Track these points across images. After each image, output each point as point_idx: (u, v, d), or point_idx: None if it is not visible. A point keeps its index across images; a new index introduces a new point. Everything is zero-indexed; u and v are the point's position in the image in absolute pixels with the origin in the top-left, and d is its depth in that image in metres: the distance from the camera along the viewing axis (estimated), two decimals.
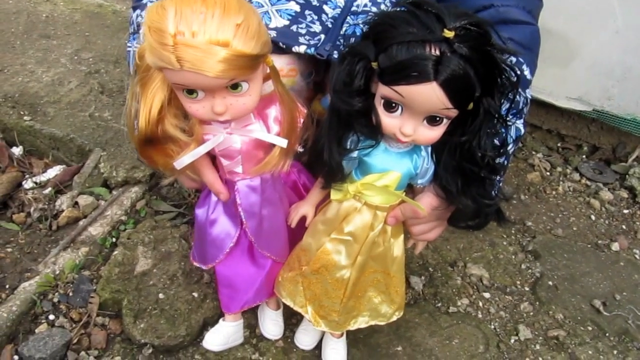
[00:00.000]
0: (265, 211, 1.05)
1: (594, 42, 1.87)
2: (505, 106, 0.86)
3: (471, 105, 0.82)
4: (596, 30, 1.85)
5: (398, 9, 0.82)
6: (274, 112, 0.95)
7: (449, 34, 0.74)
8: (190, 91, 0.81)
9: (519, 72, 0.83)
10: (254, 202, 1.03)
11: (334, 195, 1.01)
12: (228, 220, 1.08)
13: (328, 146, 0.91)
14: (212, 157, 1.01)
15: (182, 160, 0.90)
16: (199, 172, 1.01)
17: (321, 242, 1.05)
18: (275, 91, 0.92)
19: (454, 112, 0.81)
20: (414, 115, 0.83)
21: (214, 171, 1.02)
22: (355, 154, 0.93)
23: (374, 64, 0.81)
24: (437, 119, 0.83)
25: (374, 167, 0.95)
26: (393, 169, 0.95)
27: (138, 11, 1.12)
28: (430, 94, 0.77)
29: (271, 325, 1.25)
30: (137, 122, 0.87)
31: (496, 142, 0.92)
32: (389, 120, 0.85)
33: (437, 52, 0.75)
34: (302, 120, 0.98)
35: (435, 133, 0.85)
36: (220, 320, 1.22)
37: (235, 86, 0.81)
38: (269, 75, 0.89)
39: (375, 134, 0.89)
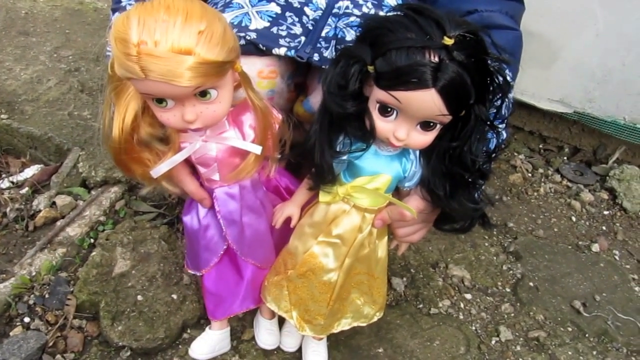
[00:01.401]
0: (246, 218, 1.05)
1: (576, 45, 1.89)
2: (492, 112, 0.86)
3: (463, 112, 0.82)
4: (577, 33, 1.86)
5: (395, 14, 0.81)
6: (249, 119, 0.95)
7: (449, 41, 0.74)
8: (160, 100, 0.80)
9: (510, 81, 0.83)
10: (233, 209, 1.03)
11: (323, 197, 1.01)
12: (217, 225, 1.07)
13: (319, 148, 0.91)
14: (191, 165, 1.00)
15: (160, 169, 0.90)
16: (179, 181, 1.00)
17: (308, 245, 1.05)
18: (246, 98, 0.92)
19: (448, 118, 0.81)
20: (408, 120, 0.83)
21: (194, 179, 1.01)
22: (345, 156, 0.93)
23: (370, 68, 0.80)
24: (431, 124, 0.83)
25: (363, 169, 0.95)
26: (383, 171, 0.95)
27: (117, 14, 1.10)
28: (427, 100, 0.77)
29: (266, 335, 1.24)
30: (111, 129, 0.86)
31: (489, 147, 0.92)
32: (383, 125, 0.85)
33: (436, 59, 0.74)
34: (277, 127, 0.97)
35: (427, 138, 0.85)
36: (207, 329, 1.21)
37: (203, 94, 0.80)
38: (238, 83, 0.89)
39: (368, 137, 0.89)
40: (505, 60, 0.83)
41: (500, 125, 0.90)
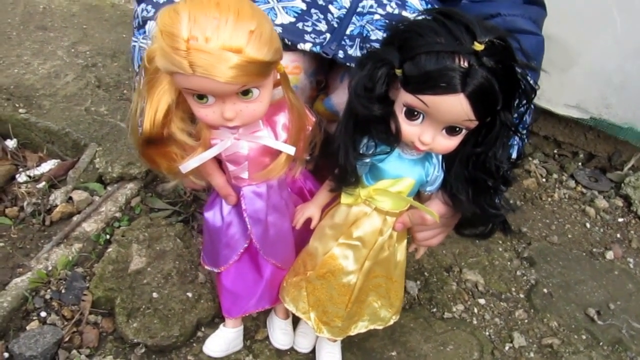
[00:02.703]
0: (271, 218, 1.05)
1: (593, 50, 1.88)
2: (515, 118, 0.87)
3: (489, 117, 0.82)
4: (595, 38, 1.85)
5: (424, 17, 0.82)
6: (282, 119, 0.95)
7: (479, 46, 0.74)
8: (201, 96, 0.80)
9: (536, 88, 0.84)
10: (259, 208, 1.03)
11: (345, 199, 1.01)
12: (240, 222, 1.07)
13: (344, 149, 0.91)
14: (218, 161, 1.00)
15: (189, 164, 0.90)
16: (207, 175, 1.00)
17: (328, 246, 1.05)
18: (285, 98, 0.92)
19: (474, 124, 0.82)
20: (434, 125, 0.83)
21: (222, 174, 1.01)
22: (369, 158, 0.93)
23: (398, 71, 0.81)
24: (457, 129, 0.83)
25: (386, 172, 0.95)
26: (406, 175, 0.95)
27: (143, 5, 1.11)
28: (455, 105, 0.77)
29: (281, 335, 1.24)
30: (141, 122, 0.86)
31: (512, 153, 0.92)
32: (409, 128, 0.85)
33: (466, 64, 0.75)
34: (310, 128, 0.97)
35: (452, 143, 0.86)
36: (221, 326, 1.22)
37: (246, 92, 0.81)
38: (278, 82, 0.89)
39: (393, 140, 0.89)
40: (532, 67, 0.83)
41: (524, 132, 0.90)
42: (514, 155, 0.98)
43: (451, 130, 0.84)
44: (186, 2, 0.76)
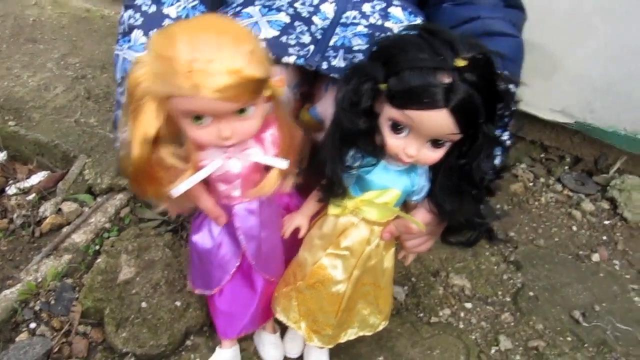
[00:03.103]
0: (264, 233, 1.06)
1: (577, 56, 1.90)
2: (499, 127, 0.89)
3: (472, 130, 0.84)
4: (579, 44, 1.87)
5: (409, 33, 0.84)
6: (270, 135, 0.96)
7: (461, 63, 0.76)
8: (198, 117, 0.81)
9: (517, 100, 0.86)
10: (253, 225, 1.04)
11: (332, 210, 1.03)
12: (231, 242, 1.08)
13: (330, 161, 0.93)
14: (204, 183, 1.00)
15: (179, 188, 0.89)
16: (195, 198, 1.00)
17: (317, 256, 1.06)
18: (274, 114, 0.94)
19: (458, 137, 0.84)
20: (419, 138, 0.85)
21: (210, 196, 1.01)
22: (355, 170, 0.95)
23: (383, 86, 0.83)
24: (441, 142, 0.85)
25: (373, 183, 0.97)
26: (392, 186, 0.97)
27: (131, 11, 1.10)
28: (439, 119, 0.79)
29: (272, 349, 1.25)
30: (130, 152, 0.85)
31: (496, 163, 0.95)
32: (394, 141, 0.87)
33: (448, 80, 0.77)
34: (299, 143, 0.99)
35: (437, 155, 0.88)
36: (217, 349, 1.22)
37: (242, 110, 0.82)
38: (269, 98, 0.90)
39: (378, 153, 0.91)
40: (512, 80, 0.86)
41: (507, 142, 0.92)
42: (497, 165, 0.99)
43: (435, 142, 0.86)
44: (180, 25, 0.78)
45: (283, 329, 1.29)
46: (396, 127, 0.85)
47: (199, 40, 0.74)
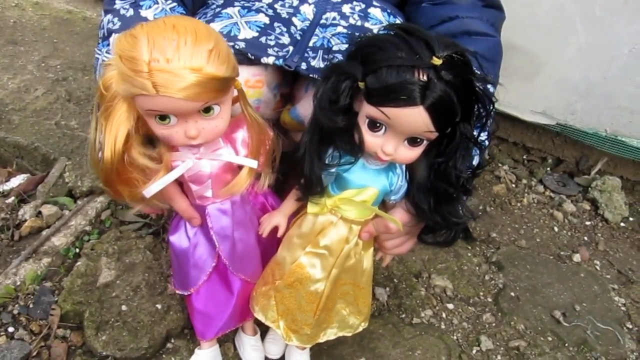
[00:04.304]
0: (237, 233, 1.06)
1: (558, 59, 1.92)
2: (477, 128, 0.90)
3: (449, 129, 0.85)
4: (560, 47, 1.89)
5: (386, 33, 0.85)
6: (241, 135, 0.97)
7: (437, 61, 0.77)
8: (163, 117, 0.82)
9: (494, 100, 0.87)
10: (225, 225, 1.04)
11: (311, 208, 1.03)
12: (207, 242, 1.08)
13: (309, 160, 0.93)
14: (179, 184, 1.01)
15: (152, 188, 0.90)
16: (169, 199, 1.01)
17: (296, 255, 1.06)
18: (242, 114, 0.94)
19: (434, 135, 0.84)
20: (396, 136, 0.85)
21: (184, 197, 1.02)
22: (334, 169, 0.95)
23: (361, 84, 0.83)
24: (418, 140, 0.86)
25: (351, 182, 0.97)
26: (370, 185, 0.97)
27: (110, 16, 1.11)
28: (416, 117, 0.80)
29: (251, 351, 1.25)
30: (101, 153, 0.86)
31: (473, 163, 0.96)
32: (371, 139, 0.87)
33: (425, 78, 0.78)
34: (269, 143, 0.99)
35: (414, 153, 0.88)
36: (196, 350, 1.22)
37: (207, 110, 0.83)
38: (236, 98, 0.91)
39: (357, 151, 0.91)
40: (489, 81, 0.87)
41: (484, 142, 0.93)
42: (475, 163, 1.00)
43: (413, 141, 0.86)
44: (143, 27, 0.78)
45: (264, 331, 1.28)
46: (374, 125, 0.86)
47: (159, 40, 0.75)
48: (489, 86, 1.14)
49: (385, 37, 0.84)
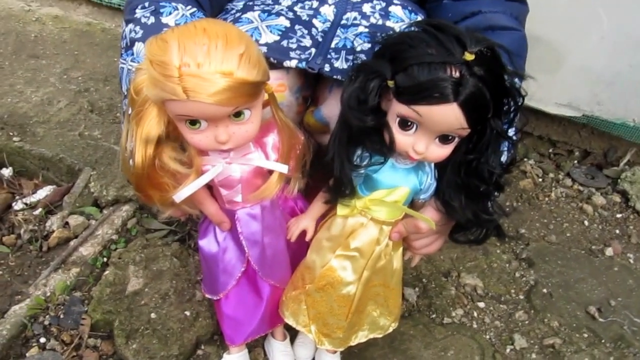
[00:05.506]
0: (267, 239, 1.05)
1: (582, 48, 1.88)
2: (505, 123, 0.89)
3: (480, 125, 0.84)
4: (583, 36, 1.86)
5: (414, 30, 0.84)
6: (271, 139, 0.96)
7: (470, 56, 0.76)
8: (193, 122, 0.81)
9: (524, 94, 0.86)
10: (255, 230, 1.03)
11: (341, 210, 1.02)
12: (236, 247, 1.08)
13: (339, 161, 0.93)
14: (209, 188, 1.01)
15: (182, 193, 0.90)
16: (199, 204, 1.00)
17: (326, 259, 1.05)
18: (273, 118, 0.94)
19: (467, 132, 0.83)
20: (428, 134, 0.84)
21: (214, 201, 1.01)
22: (363, 169, 0.94)
23: (390, 83, 0.82)
24: (449, 137, 0.85)
25: (381, 183, 0.96)
26: (400, 184, 0.96)
27: (131, 25, 1.11)
28: (449, 114, 0.79)
29: (281, 356, 1.24)
30: (132, 159, 0.86)
31: (503, 159, 0.94)
32: (402, 138, 0.86)
33: (457, 74, 0.77)
34: (299, 147, 0.98)
35: (445, 151, 0.87)
36: (224, 355, 1.21)
37: (238, 114, 0.82)
38: (267, 102, 0.90)
39: (387, 151, 0.90)
40: (519, 74, 0.85)
41: (514, 137, 0.91)
42: (505, 160, 0.98)
43: (444, 138, 0.85)
44: (174, 31, 0.78)
45: (292, 335, 1.27)
46: (405, 124, 0.85)
47: (189, 44, 0.75)
48: (516, 80, 1.13)
49: (414, 33, 0.83)
